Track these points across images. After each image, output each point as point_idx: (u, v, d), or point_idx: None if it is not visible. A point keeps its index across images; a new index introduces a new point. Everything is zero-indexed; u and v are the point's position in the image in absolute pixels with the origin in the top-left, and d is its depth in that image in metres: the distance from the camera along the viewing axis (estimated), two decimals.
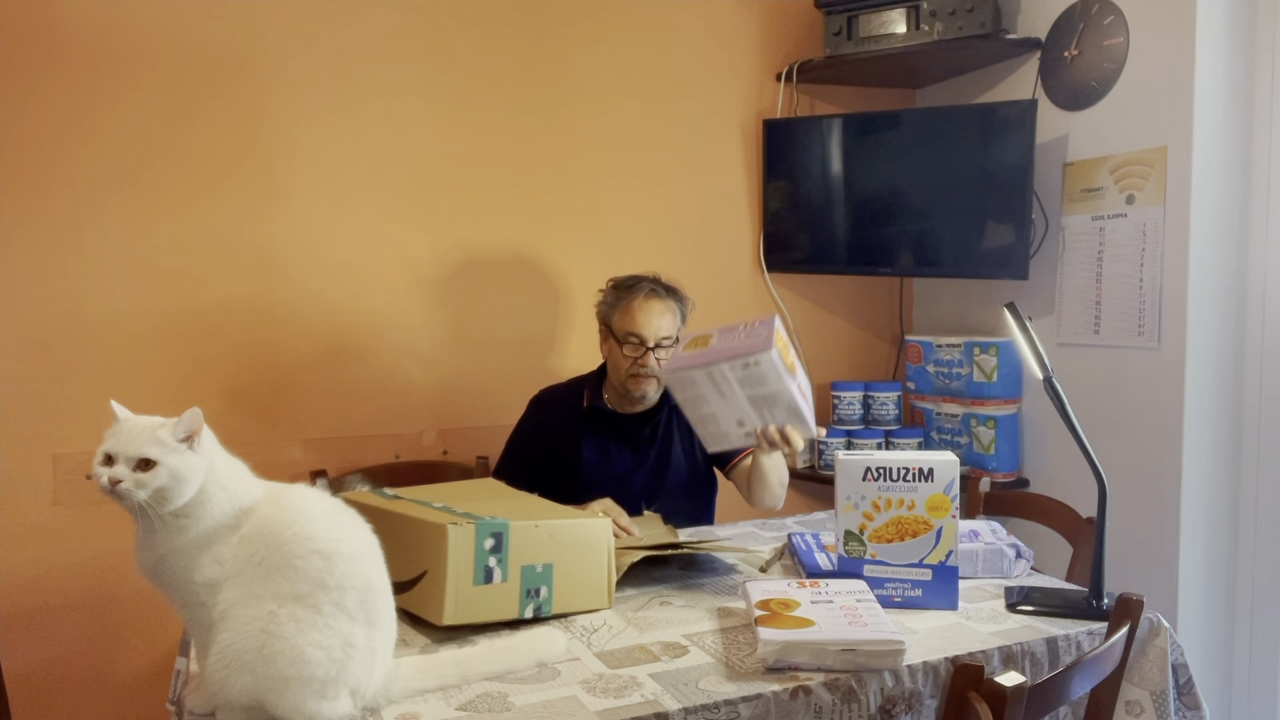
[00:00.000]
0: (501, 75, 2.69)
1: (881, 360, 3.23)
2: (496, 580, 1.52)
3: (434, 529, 1.50)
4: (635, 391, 2.21)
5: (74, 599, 2.35)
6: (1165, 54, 2.34)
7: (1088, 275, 2.57)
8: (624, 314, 2.19)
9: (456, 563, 1.48)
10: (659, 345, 2.17)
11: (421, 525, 1.54)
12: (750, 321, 1.78)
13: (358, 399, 2.60)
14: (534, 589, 1.56)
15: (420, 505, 1.65)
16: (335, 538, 1.25)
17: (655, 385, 2.21)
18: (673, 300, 2.23)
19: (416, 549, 1.53)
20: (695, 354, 1.76)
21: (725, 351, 1.71)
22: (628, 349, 2.19)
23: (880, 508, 1.64)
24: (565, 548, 1.60)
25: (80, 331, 2.33)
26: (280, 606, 1.20)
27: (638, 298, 2.19)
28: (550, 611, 1.58)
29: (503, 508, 1.67)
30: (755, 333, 1.72)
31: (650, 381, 2.20)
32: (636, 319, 2.17)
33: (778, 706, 1.30)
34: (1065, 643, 1.51)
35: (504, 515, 1.59)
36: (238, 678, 1.18)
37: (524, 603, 1.55)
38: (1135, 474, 2.44)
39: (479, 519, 1.53)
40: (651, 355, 2.16)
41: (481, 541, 1.51)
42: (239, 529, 1.24)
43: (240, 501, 1.25)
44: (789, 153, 2.97)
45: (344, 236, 2.56)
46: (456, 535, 1.48)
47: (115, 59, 2.33)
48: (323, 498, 1.33)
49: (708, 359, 1.73)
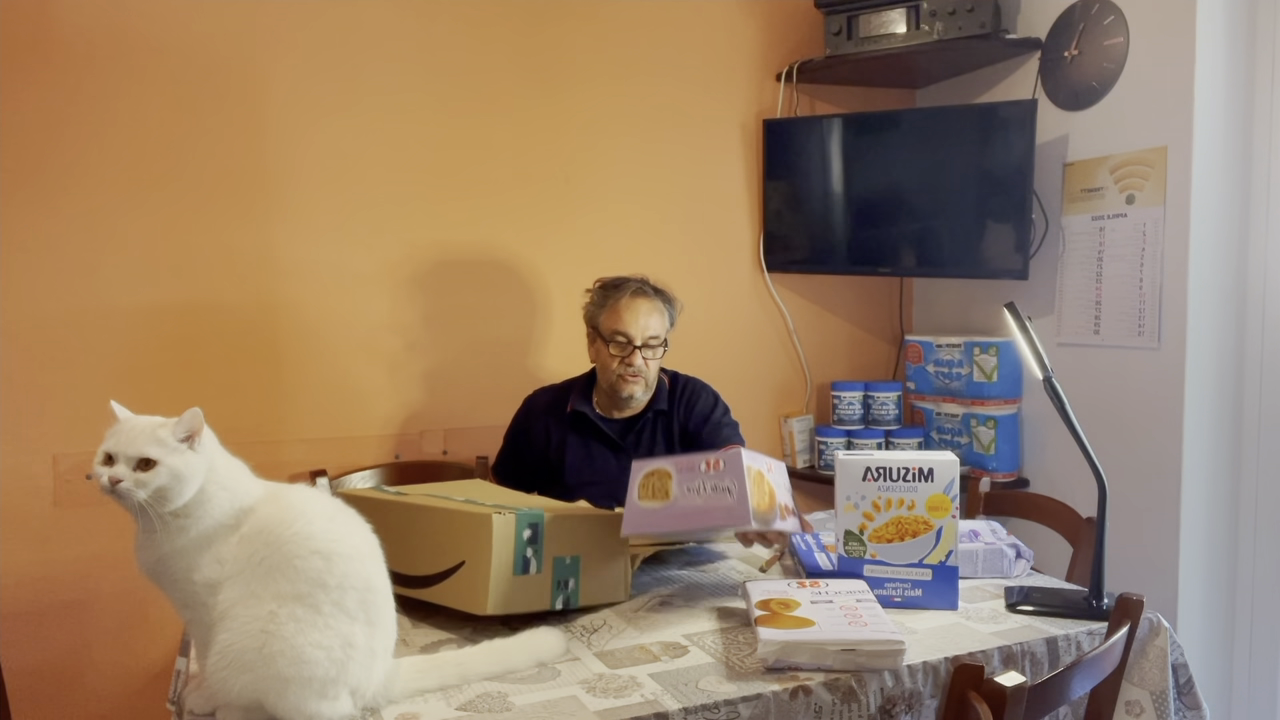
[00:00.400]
0: (501, 76, 2.69)
1: (881, 360, 3.23)
2: (532, 570, 1.54)
3: (477, 519, 1.51)
4: (623, 392, 2.19)
5: (74, 599, 2.35)
6: (1165, 54, 2.34)
7: (1088, 275, 2.57)
8: (610, 313, 2.19)
9: (500, 552, 1.49)
10: (646, 344, 2.16)
11: (461, 516, 1.54)
12: (712, 460, 1.52)
13: (358, 399, 2.60)
14: (564, 580, 1.57)
15: (443, 499, 1.66)
16: (335, 537, 1.25)
17: (643, 386, 2.20)
18: (660, 300, 2.22)
19: (452, 540, 1.54)
20: (656, 511, 1.55)
21: (692, 518, 1.51)
22: (614, 348, 2.18)
23: (880, 508, 1.64)
24: (591, 540, 1.62)
25: (80, 331, 2.33)
26: (280, 606, 1.20)
27: (624, 297, 2.19)
28: (578, 603, 1.60)
29: (513, 500, 1.68)
30: (723, 483, 1.47)
31: (638, 382, 2.18)
32: (623, 318, 2.16)
33: (778, 706, 1.30)
34: (1065, 643, 1.51)
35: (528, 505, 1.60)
36: (238, 678, 1.18)
37: (555, 594, 1.57)
38: (1135, 474, 2.44)
39: (517, 510, 1.54)
40: (638, 354, 2.15)
41: (521, 531, 1.52)
42: (239, 529, 1.24)
43: (241, 501, 1.26)
44: (789, 153, 2.96)
45: (344, 237, 2.56)
46: (500, 524, 1.49)
47: (117, 61, 2.32)
48: (322, 497, 1.33)
49: (673, 525, 1.54)
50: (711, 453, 1.51)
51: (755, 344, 3.05)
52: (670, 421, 2.29)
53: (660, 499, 1.50)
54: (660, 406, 2.28)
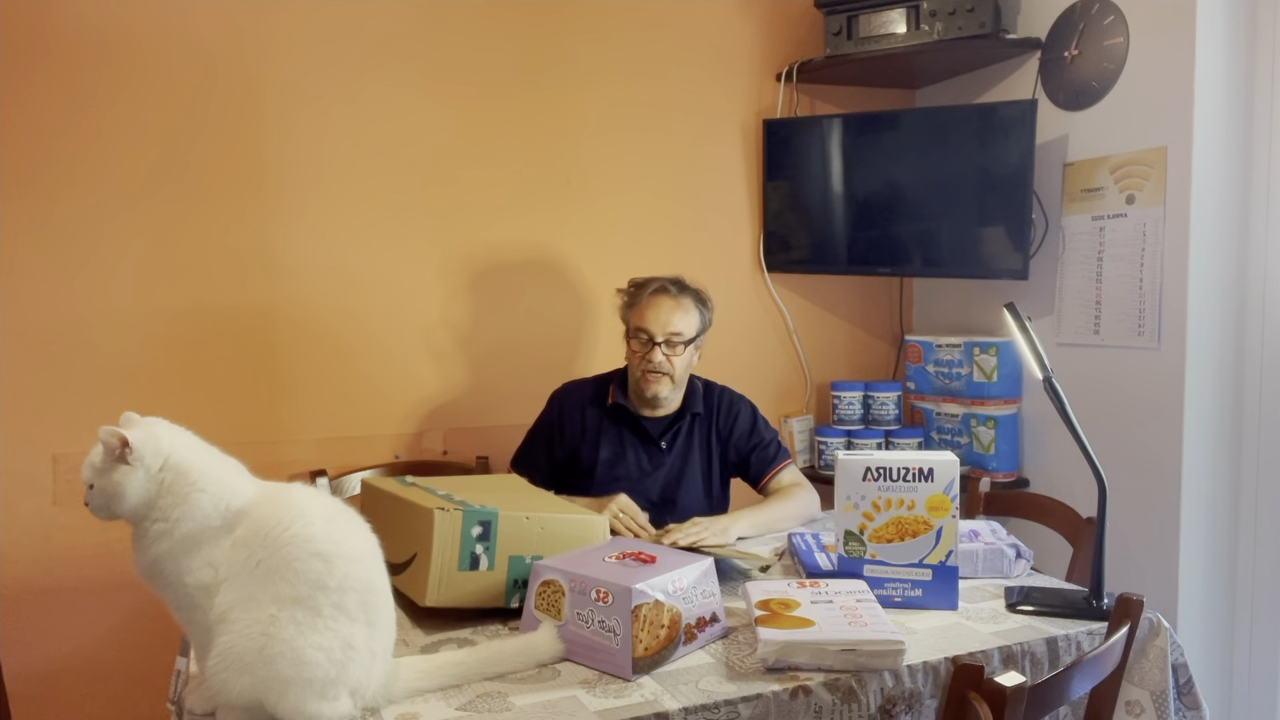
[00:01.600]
0: (500, 76, 2.68)
1: (881, 360, 3.23)
2: (483, 567, 1.56)
3: (423, 513, 1.54)
4: (646, 391, 2.19)
5: (73, 599, 2.35)
6: (1165, 54, 2.33)
7: (1088, 275, 2.57)
8: (636, 311, 2.22)
9: (441, 547, 1.52)
10: (668, 341, 2.16)
11: (414, 509, 1.58)
12: (602, 591, 1.39)
13: (358, 399, 2.60)
14: (522, 579, 1.58)
15: (426, 492, 1.69)
16: (335, 539, 1.25)
17: (668, 385, 2.19)
18: (687, 298, 2.22)
19: (409, 532, 1.57)
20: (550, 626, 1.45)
21: (578, 649, 1.41)
22: (635, 344, 2.20)
23: (880, 508, 1.64)
24: (557, 541, 1.62)
25: (81, 331, 2.33)
26: (280, 609, 1.20)
27: (647, 294, 2.21)
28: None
29: (506, 499, 1.69)
30: (610, 621, 1.37)
31: (661, 381, 2.17)
32: (645, 315, 2.18)
33: (778, 706, 1.30)
34: (1065, 643, 1.51)
35: (505, 502, 1.62)
36: (238, 679, 1.18)
37: (510, 593, 1.58)
38: (1135, 474, 2.44)
39: (469, 506, 1.56)
40: (658, 350, 2.15)
41: (468, 528, 1.54)
42: (232, 531, 1.24)
43: (227, 502, 1.25)
44: (789, 153, 2.96)
45: (344, 237, 2.56)
46: (442, 520, 1.52)
47: (117, 61, 2.32)
48: (321, 497, 1.33)
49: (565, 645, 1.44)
50: (605, 581, 1.38)
51: (755, 344, 3.05)
52: (709, 428, 2.29)
53: (553, 615, 1.44)
54: (696, 409, 2.28)
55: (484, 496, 1.67)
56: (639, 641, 1.35)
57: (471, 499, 1.63)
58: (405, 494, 1.67)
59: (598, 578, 1.39)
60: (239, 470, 1.31)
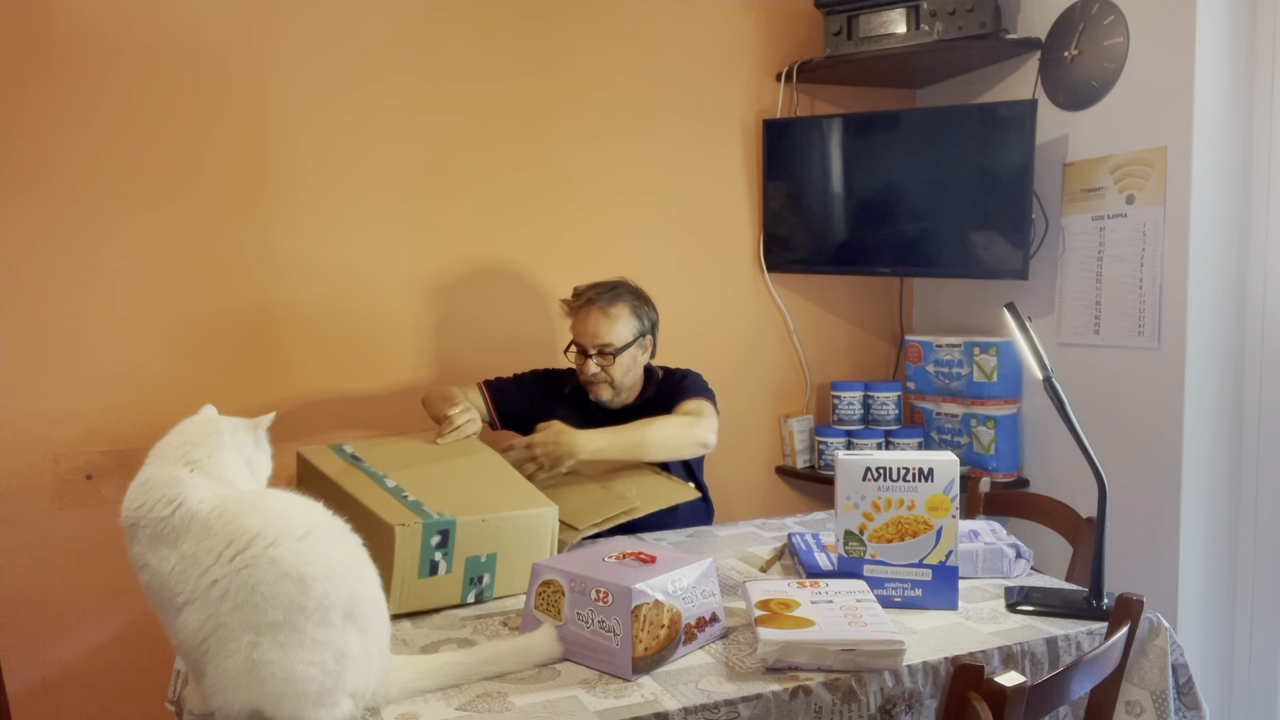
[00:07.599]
0: (501, 76, 2.68)
1: (881, 360, 3.23)
2: (441, 572, 1.60)
3: (383, 527, 1.55)
4: (592, 396, 2.29)
5: (74, 599, 2.35)
6: (1165, 54, 2.33)
7: (1088, 275, 2.57)
8: (573, 323, 2.31)
9: (403, 560, 1.55)
10: (600, 352, 2.23)
11: (373, 519, 1.58)
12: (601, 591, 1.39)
13: (358, 399, 2.60)
14: (477, 577, 1.63)
15: (374, 484, 1.69)
16: (307, 559, 1.20)
17: (609, 391, 2.27)
18: (619, 305, 2.25)
19: (368, 537, 1.55)
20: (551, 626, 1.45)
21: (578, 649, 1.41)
22: (573, 354, 2.29)
23: (880, 508, 1.64)
24: (510, 538, 1.66)
25: (81, 332, 2.33)
26: (259, 635, 1.18)
27: (578, 306, 2.29)
28: (492, 596, 1.66)
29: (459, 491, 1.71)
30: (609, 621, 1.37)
31: (602, 388, 2.27)
32: (576, 328, 2.29)
33: (778, 706, 1.30)
34: (1065, 643, 1.51)
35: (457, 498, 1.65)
36: (236, 698, 1.19)
37: (466, 589, 1.63)
38: (1135, 474, 2.44)
39: (427, 517, 1.57)
40: (590, 362, 2.24)
41: (428, 539, 1.57)
42: (177, 546, 1.21)
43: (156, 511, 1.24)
44: (789, 153, 2.96)
45: (344, 238, 2.56)
46: (403, 535, 1.54)
47: (118, 61, 2.32)
48: (294, 510, 1.27)
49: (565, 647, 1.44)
50: (605, 581, 1.38)
51: (755, 344, 3.05)
52: (659, 410, 2.29)
53: (553, 615, 1.43)
54: (648, 395, 2.34)
55: (438, 487, 1.69)
56: (639, 641, 1.35)
57: (427, 498, 1.65)
58: (355, 489, 1.65)
59: (597, 578, 1.40)
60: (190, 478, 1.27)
